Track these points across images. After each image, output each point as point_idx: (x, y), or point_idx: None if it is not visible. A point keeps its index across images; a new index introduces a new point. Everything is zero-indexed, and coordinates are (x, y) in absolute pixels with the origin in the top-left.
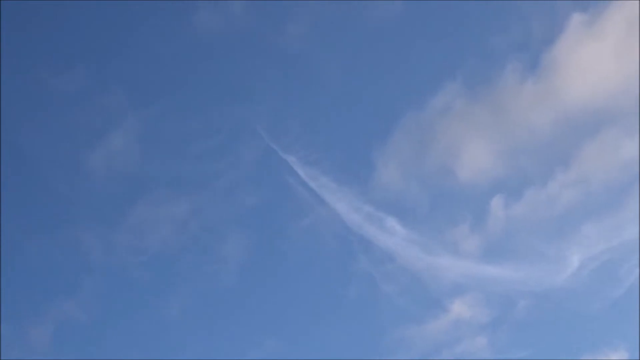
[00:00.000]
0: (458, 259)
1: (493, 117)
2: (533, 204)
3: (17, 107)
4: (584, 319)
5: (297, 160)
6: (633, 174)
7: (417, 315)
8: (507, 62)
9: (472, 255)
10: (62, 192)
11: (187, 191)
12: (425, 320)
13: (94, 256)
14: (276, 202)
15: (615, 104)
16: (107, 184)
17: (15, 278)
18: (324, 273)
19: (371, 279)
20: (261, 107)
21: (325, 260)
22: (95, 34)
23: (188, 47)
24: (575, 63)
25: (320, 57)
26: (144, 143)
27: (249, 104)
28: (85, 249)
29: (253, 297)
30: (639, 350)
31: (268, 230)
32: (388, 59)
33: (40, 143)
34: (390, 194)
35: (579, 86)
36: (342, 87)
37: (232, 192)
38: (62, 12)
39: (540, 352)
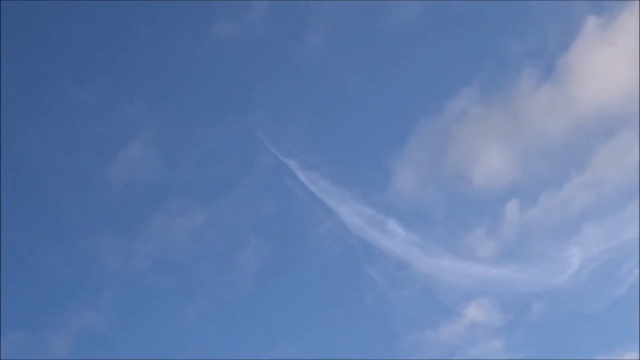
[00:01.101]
0: (473, 263)
1: (508, 122)
2: (548, 207)
3: (38, 118)
4: (597, 319)
5: (311, 167)
6: None
7: (432, 320)
8: (523, 68)
9: (487, 259)
10: (81, 201)
11: (204, 199)
12: (440, 324)
13: (112, 265)
14: (292, 210)
15: (629, 108)
16: (125, 193)
17: (35, 287)
18: (339, 278)
19: (386, 283)
20: (280, 115)
21: (340, 266)
22: (115, 45)
23: (207, 56)
24: (589, 67)
25: (336, 63)
26: (163, 152)
27: (269, 112)
28: (104, 258)
29: (269, 303)
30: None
31: (284, 238)
32: (404, 63)
33: (60, 153)
34: (405, 200)
35: (593, 90)
36: (358, 92)
37: (249, 199)
38: (82, 25)
39: (555, 354)
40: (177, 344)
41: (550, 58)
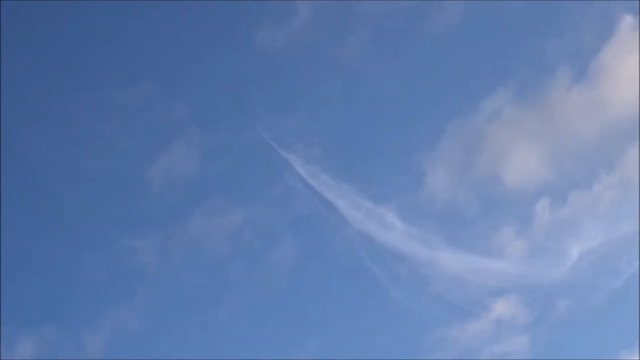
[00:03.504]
0: (502, 261)
1: (541, 122)
2: (577, 206)
3: (82, 121)
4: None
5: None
6: None
7: (458, 318)
8: (557, 68)
9: (516, 257)
10: (120, 201)
11: (240, 198)
12: (466, 321)
13: (148, 263)
14: (323, 211)
15: None
16: (164, 193)
17: (71, 284)
18: (367, 277)
19: (413, 282)
20: (319, 117)
21: (368, 265)
22: (160, 51)
23: (249, 58)
24: (622, 68)
25: (376, 66)
26: (202, 152)
27: (309, 115)
28: (140, 256)
29: (299, 301)
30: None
31: (316, 238)
32: (441, 64)
33: (101, 154)
34: (437, 200)
35: (624, 91)
36: (395, 92)
37: (284, 200)
38: (127, 30)
39: (580, 347)
40: (211, 341)
41: (585, 59)
